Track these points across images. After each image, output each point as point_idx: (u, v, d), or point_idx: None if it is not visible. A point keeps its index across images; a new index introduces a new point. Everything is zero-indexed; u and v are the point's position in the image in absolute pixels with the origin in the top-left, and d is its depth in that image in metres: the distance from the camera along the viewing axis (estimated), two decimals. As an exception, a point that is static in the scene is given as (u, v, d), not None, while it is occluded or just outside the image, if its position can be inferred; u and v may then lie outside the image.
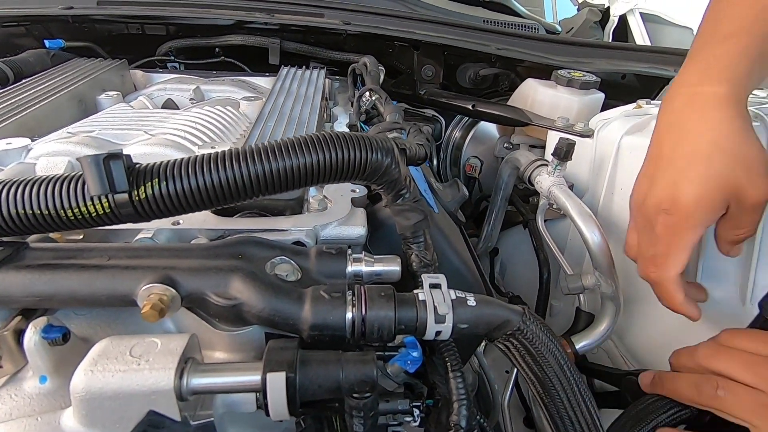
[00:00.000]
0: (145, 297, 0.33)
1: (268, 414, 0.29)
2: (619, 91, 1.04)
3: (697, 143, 0.45)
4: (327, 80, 1.02)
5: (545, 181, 0.79)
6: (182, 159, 0.36)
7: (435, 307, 0.35)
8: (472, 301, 0.37)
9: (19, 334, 0.33)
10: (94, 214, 0.35)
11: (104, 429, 0.28)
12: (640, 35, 1.31)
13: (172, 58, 1.13)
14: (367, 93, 0.78)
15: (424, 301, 0.36)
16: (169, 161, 0.36)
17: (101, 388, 0.27)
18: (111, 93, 0.86)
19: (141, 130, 0.65)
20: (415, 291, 0.38)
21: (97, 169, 0.32)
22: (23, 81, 0.83)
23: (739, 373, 0.38)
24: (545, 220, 0.84)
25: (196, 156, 0.37)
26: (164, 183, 0.35)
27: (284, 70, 0.99)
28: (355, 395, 0.30)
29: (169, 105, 0.92)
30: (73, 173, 0.35)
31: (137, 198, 0.35)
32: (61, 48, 1.03)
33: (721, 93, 0.45)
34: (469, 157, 1.21)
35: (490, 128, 1.19)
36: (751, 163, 0.43)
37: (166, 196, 0.35)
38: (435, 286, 0.38)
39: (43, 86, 0.80)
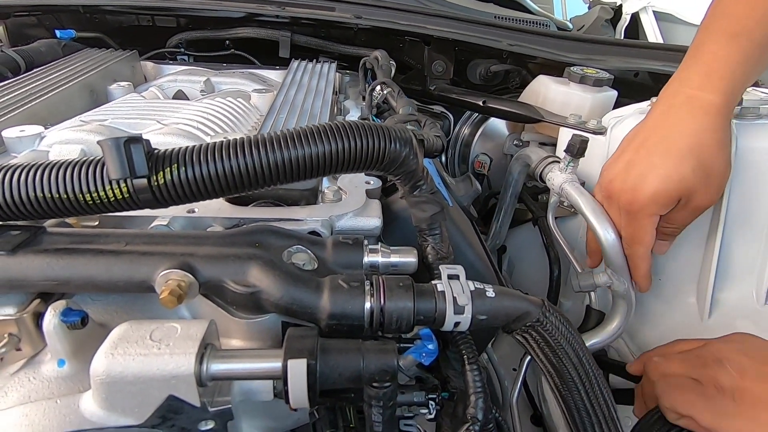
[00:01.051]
0: (163, 283, 0.33)
1: (287, 401, 0.29)
2: (632, 89, 1.03)
3: (678, 144, 0.48)
4: (337, 74, 1.02)
5: (557, 177, 0.78)
6: (201, 145, 0.36)
7: (454, 298, 0.35)
8: (491, 293, 0.36)
9: (38, 318, 0.32)
10: (113, 198, 0.34)
11: (124, 413, 0.28)
12: (653, 33, 1.30)
13: (182, 50, 1.13)
14: (379, 86, 0.78)
15: (442, 292, 0.36)
16: (188, 147, 0.36)
17: (121, 371, 0.27)
18: (122, 83, 0.86)
19: (153, 120, 0.65)
20: (434, 282, 0.37)
21: (117, 153, 0.31)
22: (34, 70, 0.83)
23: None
24: (555, 218, 0.83)
25: (215, 142, 0.36)
26: (183, 168, 0.35)
27: (295, 63, 0.98)
28: (374, 384, 0.30)
29: (180, 96, 0.91)
30: (93, 157, 0.35)
31: (156, 183, 0.34)
32: (71, 38, 1.03)
33: (717, 102, 0.47)
34: (478, 154, 1.20)
35: (500, 125, 1.19)
36: (713, 174, 0.48)
37: (185, 182, 0.35)
38: (453, 277, 0.37)
39: (54, 76, 0.80)
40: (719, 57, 0.48)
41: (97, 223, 0.43)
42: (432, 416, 0.39)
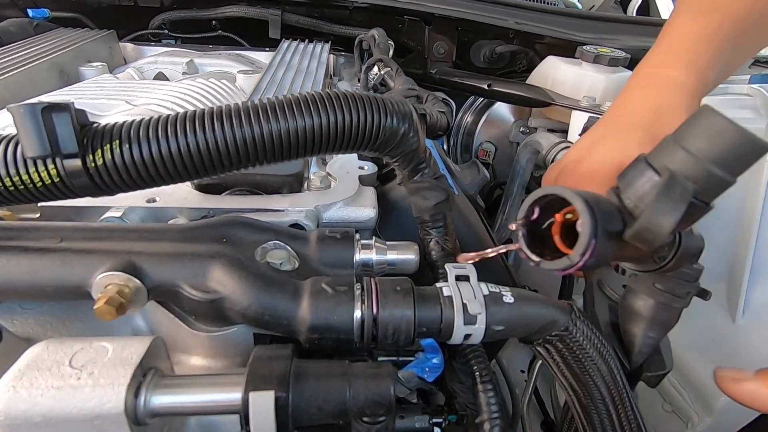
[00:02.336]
0: (101, 288, 0.27)
1: (251, 442, 0.22)
2: (648, 70, 0.96)
3: (628, 119, 0.43)
4: (331, 55, 0.95)
5: (571, 164, 0.71)
6: (152, 117, 0.29)
7: (464, 305, 0.28)
8: (509, 297, 0.30)
9: (-61, 334, 0.26)
10: (39, 184, 0.28)
11: (36, 461, 0.21)
12: (667, 11, 1.22)
13: (166, 32, 1.06)
14: (376, 65, 0.70)
15: (449, 297, 0.29)
16: (134, 120, 0.29)
17: (25, 410, 0.20)
18: (95, 63, 0.78)
19: (122, 100, 0.58)
20: (438, 284, 0.30)
21: (33, 123, 0.25)
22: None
23: None
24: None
25: (170, 114, 0.29)
26: (127, 146, 0.28)
27: (285, 44, 0.91)
28: (365, 419, 0.23)
29: (160, 78, 0.84)
30: (12, 133, 0.28)
31: (93, 164, 0.28)
32: (45, 18, 0.96)
33: (677, 77, 0.43)
34: (482, 142, 1.13)
35: (505, 111, 1.11)
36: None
37: (130, 163, 0.28)
38: (462, 278, 0.31)
39: (20, 54, 0.73)
40: (684, 32, 0.44)
41: (37, 215, 0.36)
42: (437, 445, 0.33)
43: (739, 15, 0.43)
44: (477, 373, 0.32)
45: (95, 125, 0.28)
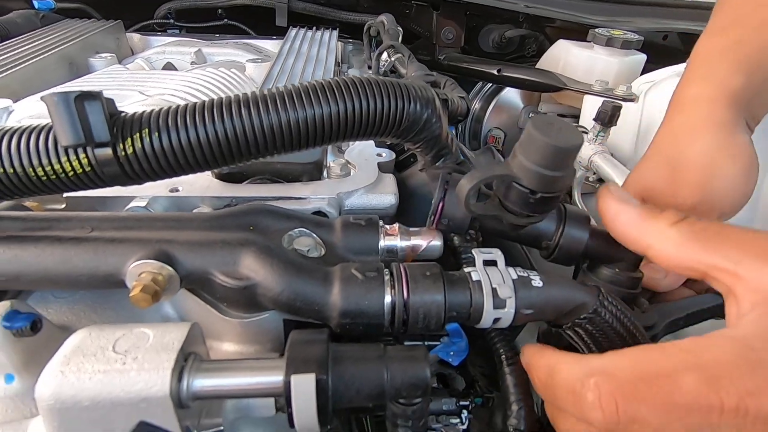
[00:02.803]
0: (135, 276, 0.27)
1: (292, 425, 0.23)
2: (660, 53, 0.95)
3: (653, 146, 0.40)
4: (340, 43, 0.94)
5: (585, 149, 0.71)
6: (179, 106, 0.29)
7: (494, 289, 0.29)
8: (537, 281, 0.30)
9: (-20, 323, 0.26)
10: (71, 173, 0.28)
11: (83, 444, 0.22)
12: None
13: (172, 21, 1.05)
14: (387, 51, 0.70)
15: (478, 282, 0.29)
16: (161, 108, 0.29)
17: (75, 395, 0.20)
18: (104, 54, 0.78)
19: (136, 91, 0.58)
20: (466, 269, 0.31)
21: (67, 111, 0.25)
22: (6, 42, 0.75)
23: None
24: (581, 194, 0.76)
25: (197, 103, 0.29)
26: (156, 134, 0.28)
27: (293, 31, 0.90)
28: (401, 401, 0.24)
29: (169, 69, 0.84)
30: (45, 123, 0.28)
31: (123, 153, 0.28)
32: (51, 9, 0.95)
33: (692, 93, 0.39)
34: (491, 129, 1.12)
35: (514, 97, 1.10)
36: (682, 169, 0.37)
37: (160, 152, 0.28)
38: (490, 263, 0.31)
39: (28, 47, 0.73)
40: (701, 51, 0.41)
41: (63, 206, 0.36)
42: (464, 427, 0.33)
43: (763, 26, 0.40)
44: (503, 356, 0.33)
45: (123, 114, 0.28)
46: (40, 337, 0.26)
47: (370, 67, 0.81)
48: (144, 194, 0.37)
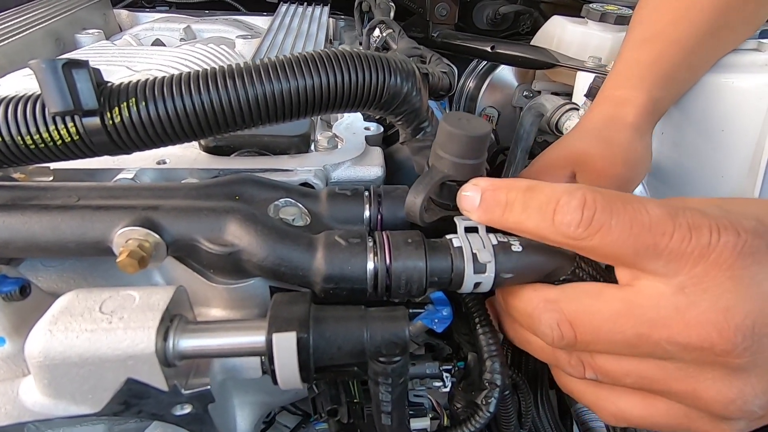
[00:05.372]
0: (122, 243, 0.27)
1: (275, 382, 0.24)
2: (654, 29, 0.94)
3: (581, 124, 0.52)
4: (331, 19, 0.93)
5: (576, 125, 0.71)
6: (167, 76, 0.29)
7: (474, 255, 0.29)
8: (517, 246, 0.30)
9: (-30, 288, 0.27)
10: (59, 141, 0.28)
11: (74, 400, 0.23)
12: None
13: (160, -3, 1.03)
14: (378, 26, 0.69)
15: (459, 248, 0.30)
16: (148, 78, 0.29)
17: (63, 351, 0.21)
18: (91, 31, 0.77)
19: (123, 66, 0.57)
20: (448, 236, 0.31)
21: (55, 77, 0.25)
22: (-8, 16, 0.74)
23: None
24: (573, 172, 0.76)
25: (183, 73, 0.30)
26: (144, 103, 0.28)
27: (283, 7, 0.89)
28: (381, 359, 0.25)
29: (158, 45, 0.83)
30: (34, 92, 0.29)
31: (111, 122, 0.28)
32: (36, -16, 0.93)
33: (627, 96, 0.50)
34: (485, 108, 1.12)
35: (508, 75, 1.10)
36: (614, 143, 0.48)
37: (147, 121, 0.28)
38: (471, 230, 0.31)
39: (14, 21, 0.71)
40: (630, 60, 0.52)
41: (51, 178, 0.37)
42: (447, 389, 0.34)
43: (680, 40, 0.51)
44: (476, 319, 0.34)
45: (110, 84, 0.29)
46: (29, 301, 0.26)
47: (361, 44, 0.81)
48: (131, 166, 0.37)
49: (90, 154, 0.30)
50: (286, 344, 0.22)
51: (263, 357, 0.26)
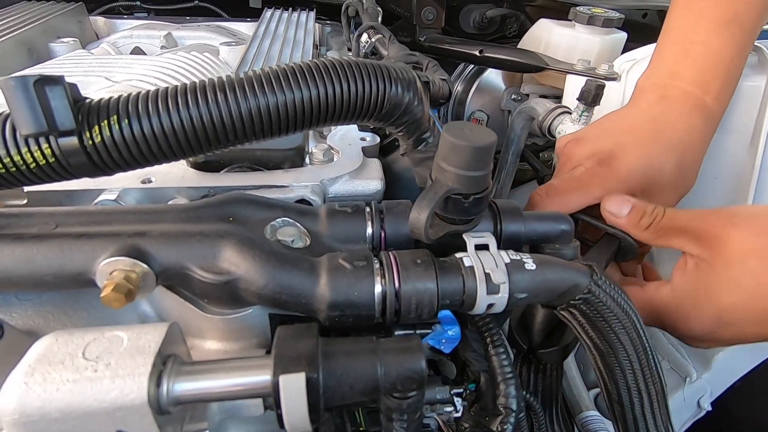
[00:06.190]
0: (106, 275, 0.25)
1: (282, 425, 0.22)
2: (640, 31, 0.94)
3: (669, 136, 0.43)
4: (317, 24, 0.91)
5: (569, 130, 0.70)
6: (150, 91, 0.27)
7: (487, 275, 0.28)
8: (530, 264, 0.29)
9: (-66, 331, 0.24)
10: (33, 165, 0.26)
11: (55, 459, 0.20)
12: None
13: (139, 3, 1.00)
14: (367, 32, 0.67)
15: (471, 268, 0.28)
16: (131, 93, 0.27)
17: (41, 407, 0.19)
18: (66, 39, 0.73)
19: (101, 77, 0.54)
20: (458, 255, 0.30)
21: (26, 97, 0.22)
22: (-42, 26, 0.70)
23: None
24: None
25: (169, 87, 0.27)
26: (126, 121, 0.26)
27: (268, 13, 0.87)
28: (396, 395, 0.23)
29: (138, 54, 0.80)
30: (2, 111, 0.26)
31: (90, 142, 0.26)
32: (5, -9, 0.89)
33: (710, 106, 0.44)
34: (473, 111, 1.11)
35: (496, 79, 1.09)
36: (685, 177, 0.44)
37: (131, 139, 0.26)
38: (482, 247, 0.30)
39: (-18, 31, 0.68)
40: (712, 50, 0.44)
41: (25, 201, 0.34)
42: (459, 414, 0.33)
43: (752, 27, 0.44)
44: (488, 339, 0.32)
45: (88, 101, 0.26)
46: (2, 343, 0.24)
47: (350, 49, 0.79)
48: (114, 186, 0.35)
49: (68, 177, 0.27)
50: (294, 386, 0.20)
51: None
